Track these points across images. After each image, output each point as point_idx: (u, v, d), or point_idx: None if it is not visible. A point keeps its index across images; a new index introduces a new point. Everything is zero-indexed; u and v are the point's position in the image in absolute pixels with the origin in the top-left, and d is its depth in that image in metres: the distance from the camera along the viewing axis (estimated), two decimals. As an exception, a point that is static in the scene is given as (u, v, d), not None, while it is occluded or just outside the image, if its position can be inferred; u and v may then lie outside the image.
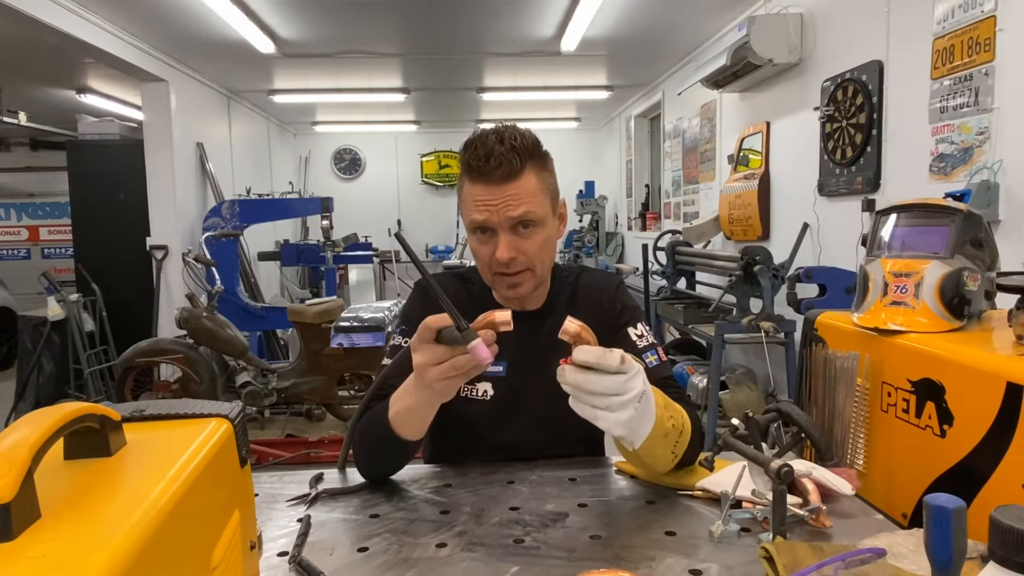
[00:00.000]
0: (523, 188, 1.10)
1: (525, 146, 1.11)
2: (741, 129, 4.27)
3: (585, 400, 0.83)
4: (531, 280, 1.17)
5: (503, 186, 1.09)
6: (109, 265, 5.24)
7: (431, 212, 8.98)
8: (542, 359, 1.10)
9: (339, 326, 3.90)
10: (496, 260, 1.12)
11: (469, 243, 1.19)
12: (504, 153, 1.08)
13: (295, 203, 5.89)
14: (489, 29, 4.53)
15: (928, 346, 0.94)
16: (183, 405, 0.63)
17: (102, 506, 0.45)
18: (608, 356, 0.81)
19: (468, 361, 0.88)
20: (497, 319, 0.90)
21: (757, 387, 3.63)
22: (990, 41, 2.23)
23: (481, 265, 1.18)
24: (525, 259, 1.13)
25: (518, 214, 1.10)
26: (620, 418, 0.83)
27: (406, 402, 1.00)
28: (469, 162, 1.11)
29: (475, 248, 1.16)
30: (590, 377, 0.81)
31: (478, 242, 1.15)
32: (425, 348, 0.90)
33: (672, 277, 4.47)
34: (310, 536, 0.91)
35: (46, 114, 6.69)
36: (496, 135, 1.10)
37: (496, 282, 1.18)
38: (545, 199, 1.15)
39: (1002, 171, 2.21)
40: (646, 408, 0.86)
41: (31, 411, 0.46)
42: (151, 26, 4.25)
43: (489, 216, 1.10)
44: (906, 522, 0.95)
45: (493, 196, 1.10)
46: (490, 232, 1.13)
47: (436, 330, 0.89)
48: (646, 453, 0.92)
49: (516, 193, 1.10)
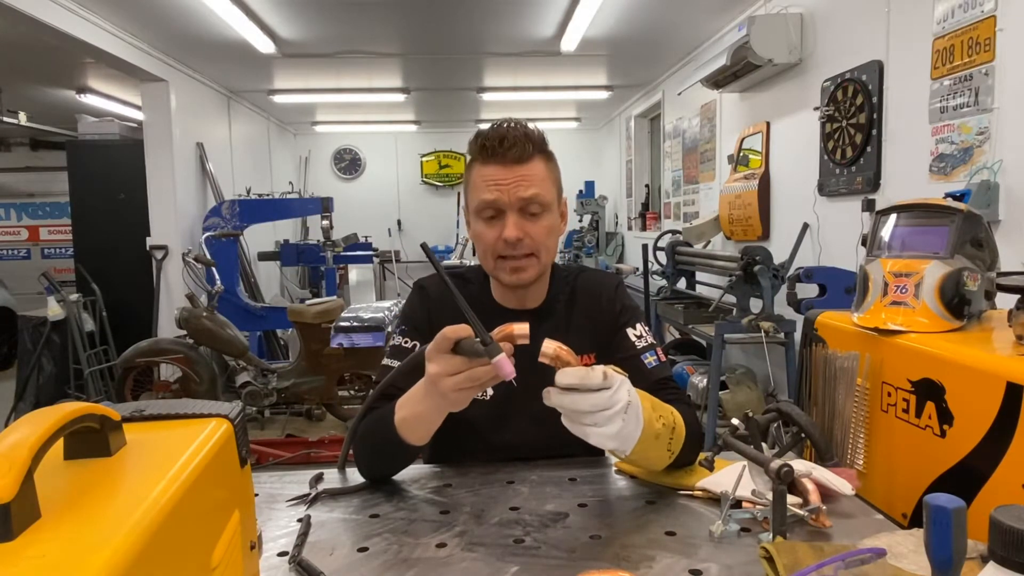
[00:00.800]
0: (534, 171, 1.13)
1: (536, 136, 1.15)
2: (741, 129, 4.27)
3: (574, 419, 0.84)
4: (535, 266, 1.17)
5: (515, 167, 1.12)
6: (109, 265, 5.24)
7: (431, 212, 8.98)
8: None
9: (339, 326, 3.90)
10: (503, 241, 1.13)
11: (474, 229, 1.18)
12: (518, 136, 1.12)
13: (295, 203, 5.89)
14: (489, 29, 4.53)
15: (928, 346, 0.94)
16: (183, 405, 0.63)
17: (102, 506, 0.45)
18: (590, 375, 0.81)
19: (487, 373, 0.87)
20: (515, 331, 0.88)
21: (757, 387, 3.63)
22: (990, 41, 2.23)
23: (484, 249, 1.17)
24: (531, 242, 1.14)
25: (528, 195, 1.12)
26: (609, 431, 0.83)
27: (414, 408, 0.99)
28: (483, 144, 1.13)
29: (480, 232, 1.16)
30: (575, 398, 0.82)
31: (484, 225, 1.15)
32: (441, 358, 0.89)
33: (672, 277, 4.47)
34: (310, 536, 0.91)
35: (46, 114, 6.69)
36: (508, 122, 1.14)
37: (499, 267, 1.17)
38: (552, 187, 1.17)
39: (1002, 171, 2.21)
40: (634, 417, 0.87)
41: (31, 411, 0.46)
42: (151, 26, 4.25)
43: (500, 195, 1.12)
44: (906, 522, 0.95)
45: (505, 176, 1.12)
46: (498, 214, 1.14)
47: (454, 340, 0.88)
48: (639, 456, 0.93)
49: (527, 175, 1.12)
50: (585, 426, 0.83)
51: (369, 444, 1.09)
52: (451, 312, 1.18)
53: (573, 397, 0.82)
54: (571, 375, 0.82)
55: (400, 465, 1.11)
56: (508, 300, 1.25)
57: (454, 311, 1.14)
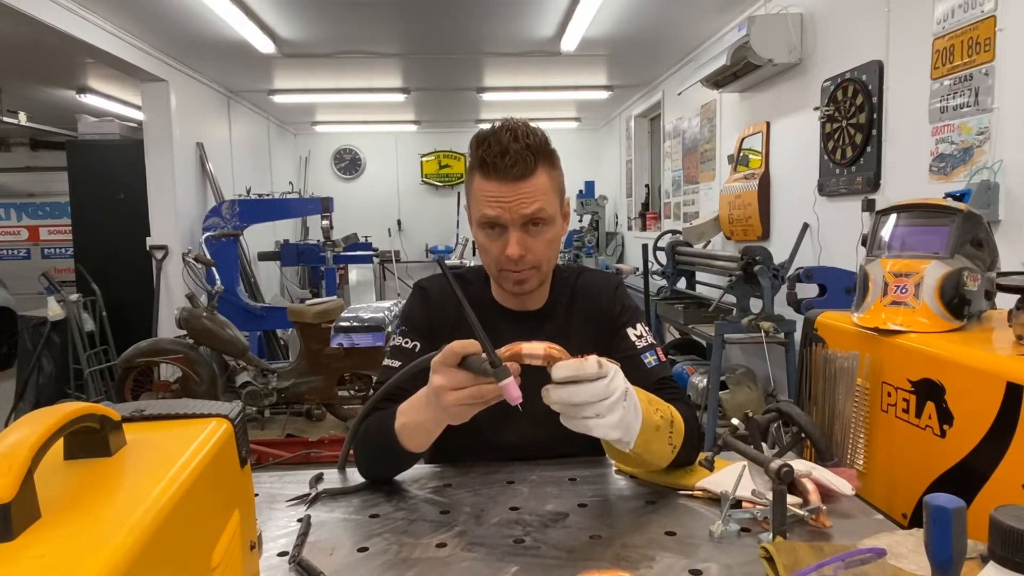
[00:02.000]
0: (536, 186, 1.11)
1: (538, 144, 1.11)
2: (741, 129, 4.27)
3: (574, 414, 0.82)
4: (536, 277, 1.17)
5: (517, 184, 1.09)
6: (109, 265, 5.24)
7: (431, 212, 8.98)
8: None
9: (339, 326, 3.90)
10: (506, 257, 1.12)
11: (476, 237, 1.18)
12: (519, 151, 1.08)
13: (295, 203, 5.89)
14: (489, 29, 4.53)
15: (928, 346, 0.94)
16: (183, 405, 0.63)
17: (102, 506, 0.45)
18: (585, 365, 0.81)
19: (491, 391, 0.86)
20: (524, 351, 0.86)
21: (757, 387, 3.63)
22: (990, 41, 2.23)
23: (488, 260, 1.18)
24: (533, 257, 1.14)
25: (530, 212, 1.10)
26: (612, 420, 0.83)
27: (415, 417, 0.99)
28: (483, 158, 1.10)
29: (483, 243, 1.16)
30: (573, 389, 0.81)
31: (487, 238, 1.15)
32: (447, 371, 0.88)
33: (672, 277, 4.47)
34: (310, 536, 0.91)
35: (46, 114, 6.69)
36: (510, 132, 1.10)
37: (502, 277, 1.18)
38: (554, 197, 1.15)
39: (1002, 171, 2.21)
40: (633, 404, 0.87)
41: (31, 411, 0.46)
42: (151, 26, 4.25)
43: (501, 213, 1.10)
44: (906, 522, 0.95)
45: (506, 193, 1.10)
46: (499, 228, 1.13)
47: (461, 356, 0.87)
48: (644, 450, 0.92)
49: (529, 191, 1.10)
50: (586, 419, 0.82)
51: (368, 447, 1.09)
52: (452, 314, 1.20)
53: (571, 389, 0.81)
54: (566, 367, 0.81)
55: (398, 469, 1.11)
56: (509, 301, 1.25)
57: (455, 313, 1.14)
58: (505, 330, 1.12)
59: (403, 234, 8.89)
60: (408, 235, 8.91)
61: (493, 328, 1.11)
